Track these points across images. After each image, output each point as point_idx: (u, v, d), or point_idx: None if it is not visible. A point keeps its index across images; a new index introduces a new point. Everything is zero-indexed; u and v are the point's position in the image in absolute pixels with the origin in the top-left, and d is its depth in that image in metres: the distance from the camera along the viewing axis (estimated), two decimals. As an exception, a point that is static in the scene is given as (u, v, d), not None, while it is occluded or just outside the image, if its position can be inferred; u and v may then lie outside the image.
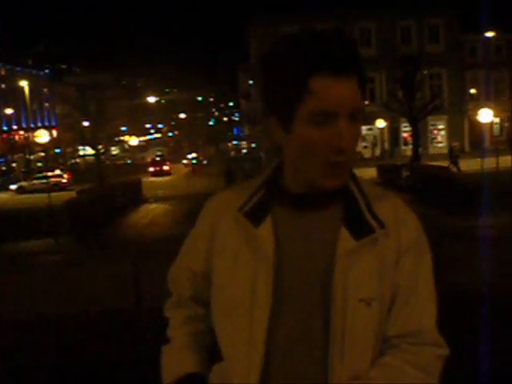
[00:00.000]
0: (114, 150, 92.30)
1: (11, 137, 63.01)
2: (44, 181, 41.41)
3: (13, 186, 44.65)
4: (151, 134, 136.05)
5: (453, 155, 33.58)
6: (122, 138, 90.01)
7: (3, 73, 63.64)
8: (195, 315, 1.60)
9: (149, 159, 68.18)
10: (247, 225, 1.41)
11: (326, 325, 1.34)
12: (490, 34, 42.98)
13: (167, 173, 51.67)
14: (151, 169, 52.45)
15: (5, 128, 62.36)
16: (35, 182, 43.22)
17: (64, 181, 42.23)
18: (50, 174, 42.06)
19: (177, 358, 1.56)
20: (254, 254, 1.40)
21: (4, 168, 58.60)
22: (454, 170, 31.75)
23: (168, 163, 55.43)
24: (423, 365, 1.36)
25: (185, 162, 65.95)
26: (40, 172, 46.31)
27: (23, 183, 44.57)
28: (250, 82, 56.61)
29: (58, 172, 44.85)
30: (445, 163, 26.65)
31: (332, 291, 1.34)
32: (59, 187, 38.75)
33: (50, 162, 59.87)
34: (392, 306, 1.38)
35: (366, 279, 1.35)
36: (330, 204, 1.41)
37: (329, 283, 1.34)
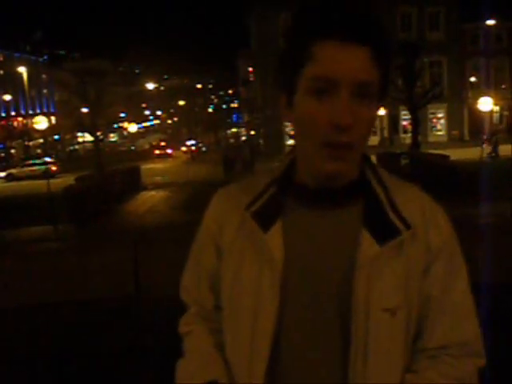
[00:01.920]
0: (113, 137, 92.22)
1: (10, 123, 62.88)
2: (33, 168, 41.70)
3: (1, 174, 44.46)
4: (150, 120, 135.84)
5: (495, 142, 33.41)
6: (120, 124, 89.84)
7: (1, 59, 63.40)
8: (220, 328, 1.40)
9: (153, 144, 77.96)
10: (255, 228, 1.29)
11: (344, 336, 1.24)
12: (490, 22, 42.81)
13: (170, 155, 61.88)
14: (157, 151, 63.25)
15: (3, 114, 62.22)
16: (25, 169, 43.19)
17: (54, 168, 42.07)
18: (39, 161, 42.33)
19: (202, 364, 1.38)
20: (260, 260, 1.28)
21: (3, 154, 58.54)
22: (492, 155, 31.49)
23: (170, 147, 67.31)
24: (463, 378, 1.28)
25: (184, 148, 66.75)
26: (29, 159, 46.40)
27: (12, 170, 44.40)
28: (250, 68, 56.41)
29: (47, 159, 44.75)
30: (444, 151, 26.59)
31: (353, 302, 1.22)
32: (49, 174, 38.67)
33: (49, 149, 59.81)
34: (426, 316, 1.28)
35: (390, 287, 1.23)
36: (349, 201, 1.29)
37: (348, 293, 1.23)
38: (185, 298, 1.50)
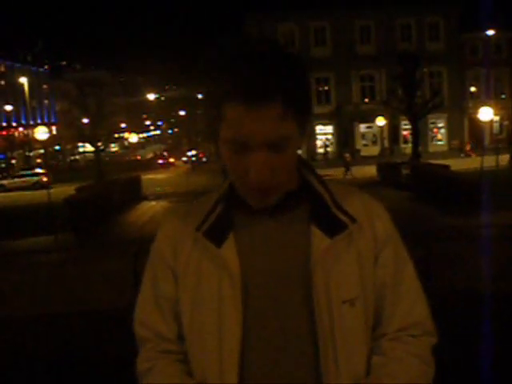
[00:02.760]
0: (114, 147, 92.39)
1: (11, 133, 62.98)
2: (24, 179, 42.08)
3: None
4: (150, 131, 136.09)
5: None
6: (121, 134, 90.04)
7: (3, 69, 63.59)
8: (185, 358, 1.37)
9: (157, 154, 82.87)
10: (209, 245, 1.32)
11: (313, 335, 1.27)
12: (490, 32, 42.94)
13: (172, 164, 64.92)
14: (160, 161, 66.89)
15: (4, 124, 62.33)
16: (16, 180, 43.41)
17: (45, 179, 42.24)
18: (30, 172, 42.70)
19: None
20: (218, 274, 1.30)
21: (3, 165, 58.62)
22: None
23: (172, 157, 72.35)
24: (424, 355, 1.35)
25: (184, 159, 67.09)
26: (22, 170, 46.79)
27: (4, 181, 44.54)
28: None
29: (38, 170, 44.96)
30: (445, 161, 26.58)
31: (313, 296, 1.27)
32: (40, 185, 38.75)
33: (50, 159, 59.91)
34: (383, 303, 1.35)
35: (346, 279, 1.30)
36: (295, 205, 1.34)
37: (309, 290, 1.27)
38: (142, 333, 1.43)
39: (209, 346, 1.30)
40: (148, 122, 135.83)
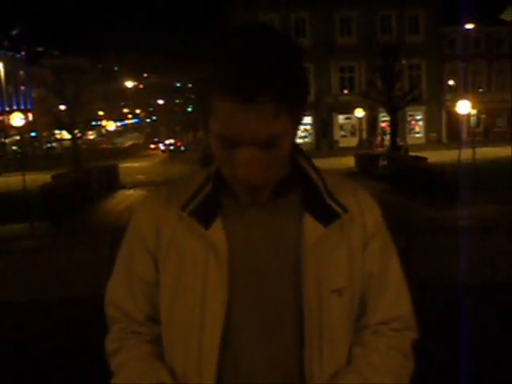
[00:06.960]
0: (92, 135, 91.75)
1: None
2: None
3: None
4: (129, 119, 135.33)
5: None
6: (99, 122, 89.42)
7: (-22, 54, 62.65)
8: (156, 339, 1.36)
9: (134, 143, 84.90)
10: (195, 225, 1.27)
11: (299, 320, 1.26)
12: (469, 27, 43.20)
13: (161, 150, 67.88)
14: (152, 146, 72.87)
15: (-21, 110, 61.47)
16: None
17: None
18: None
19: (143, 371, 1.31)
20: (204, 253, 1.26)
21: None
22: None
23: (162, 143, 74.80)
24: (405, 350, 1.35)
25: (162, 148, 67.12)
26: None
27: None
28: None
29: None
30: (422, 154, 26.73)
31: (304, 285, 1.25)
32: None
33: (26, 146, 59.23)
34: (368, 294, 1.34)
35: (336, 268, 1.29)
36: (287, 191, 1.31)
37: (298, 277, 1.25)
38: (112, 313, 1.42)
39: (189, 326, 1.27)
40: (126, 110, 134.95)
